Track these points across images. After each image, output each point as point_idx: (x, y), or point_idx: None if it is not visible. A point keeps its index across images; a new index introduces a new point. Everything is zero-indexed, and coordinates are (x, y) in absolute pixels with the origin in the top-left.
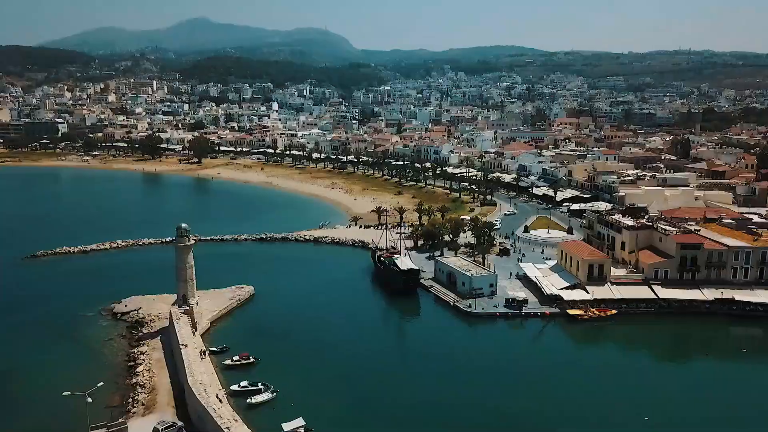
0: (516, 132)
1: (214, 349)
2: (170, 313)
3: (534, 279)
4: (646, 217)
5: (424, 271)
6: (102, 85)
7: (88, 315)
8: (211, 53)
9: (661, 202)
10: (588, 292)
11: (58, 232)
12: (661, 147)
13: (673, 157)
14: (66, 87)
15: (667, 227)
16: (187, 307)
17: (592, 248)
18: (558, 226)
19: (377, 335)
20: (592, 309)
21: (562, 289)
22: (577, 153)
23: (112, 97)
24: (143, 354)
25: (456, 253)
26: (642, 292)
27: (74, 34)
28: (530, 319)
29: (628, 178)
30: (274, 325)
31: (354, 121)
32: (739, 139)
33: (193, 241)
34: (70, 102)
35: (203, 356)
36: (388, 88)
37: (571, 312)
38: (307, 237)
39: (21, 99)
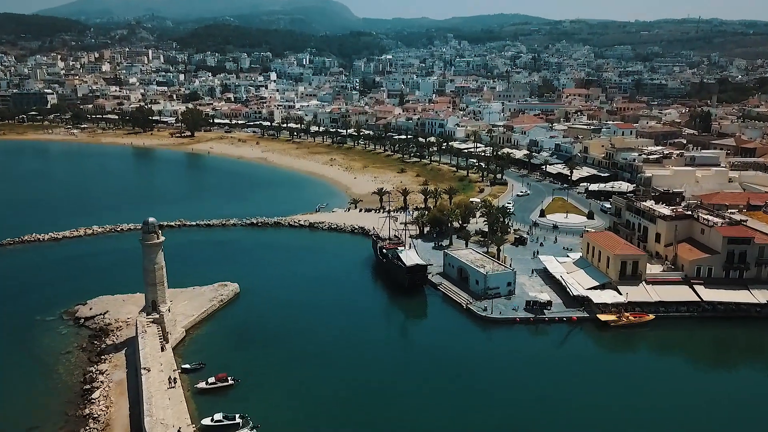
0: (524, 104)
1: (187, 366)
2: (136, 323)
3: (559, 278)
4: (684, 204)
5: (431, 264)
6: (96, 55)
7: (47, 320)
8: (209, 21)
9: (692, 185)
10: (621, 293)
11: (31, 215)
12: (678, 120)
13: (693, 132)
14: (60, 56)
15: (710, 217)
16: (157, 315)
17: (624, 241)
18: (576, 210)
19: (379, 345)
20: (626, 313)
21: (590, 289)
22: (591, 127)
23: (106, 67)
24: (102, 374)
25: (467, 244)
26: (683, 294)
27: (70, 1)
28: (554, 325)
29: (653, 156)
30: (258, 333)
31: (354, 92)
32: (759, 111)
33: (163, 238)
34: (63, 72)
35: (172, 383)
36: (390, 57)
37: (602, 317)
38: (301, 222)
39: (12, 69)
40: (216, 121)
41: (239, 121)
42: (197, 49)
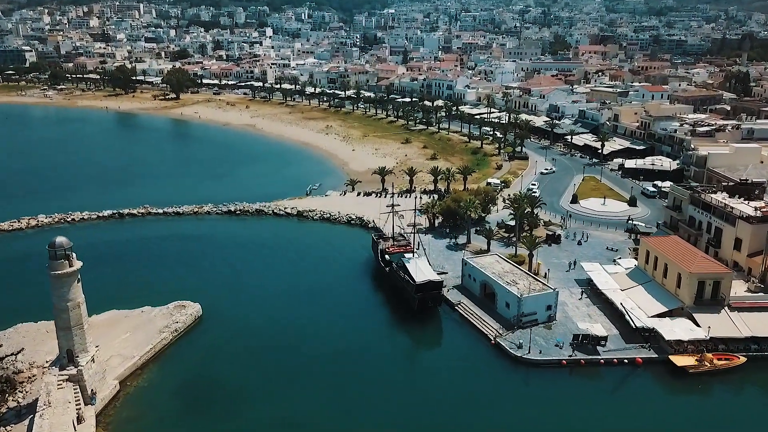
0: (538, 62)
1: None
2: (43, 386)
3: (618, 304)
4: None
5: (445, 273)
6: (85, 9)
7: None
8: None
9: (758, 167)
10: (699, 325)
11: None
12: (710, 81)
13: (733, 96)
14: (47, 11)
15: None
16: (74, 371)
17: (701, 253)
18: (614, 194)
19: (380, 405)
20: (708, 354)
21: (654, 316)
22: (617, 90)
23: (94, 22)
24: None
25: (489, 244)
26: None
27: None
28: (611, 369)
29: (703, 128)
30: (217, 388)
31: (354, 48)
32: None
33: (79, 264)
34: (48, 27)
35: None
36: (392, 11)
37: (676, 361)
38: (288, 210)
39: None
40: (204, 81)
41: (229, 82)
42: (191, 3)
